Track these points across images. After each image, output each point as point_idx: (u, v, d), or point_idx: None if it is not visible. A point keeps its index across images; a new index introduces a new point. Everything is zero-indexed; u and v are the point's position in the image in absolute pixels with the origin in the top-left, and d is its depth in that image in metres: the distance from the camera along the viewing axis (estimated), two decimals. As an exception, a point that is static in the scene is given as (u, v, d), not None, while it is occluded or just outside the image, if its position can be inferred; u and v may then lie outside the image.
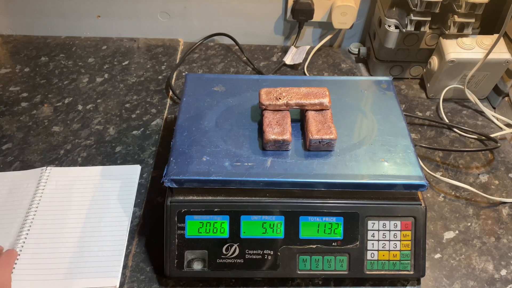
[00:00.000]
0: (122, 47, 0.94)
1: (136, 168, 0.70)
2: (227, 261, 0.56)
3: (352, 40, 0.97)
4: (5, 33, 0.96)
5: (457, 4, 0.75)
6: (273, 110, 0.59)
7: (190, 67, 0.91)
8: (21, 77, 0.86)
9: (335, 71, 0.92)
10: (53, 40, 0.95)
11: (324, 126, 0.57)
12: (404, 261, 0.56)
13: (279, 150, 0.57)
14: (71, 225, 0.62)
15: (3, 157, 0.72)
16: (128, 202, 0.65)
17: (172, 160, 0.56)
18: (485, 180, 0.72)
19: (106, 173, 0.69)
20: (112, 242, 0.61)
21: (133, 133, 0.77)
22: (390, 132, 0.61)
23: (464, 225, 0.66)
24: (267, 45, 0.97)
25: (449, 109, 0.83)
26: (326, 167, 0.56)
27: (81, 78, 0.86)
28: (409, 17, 0.77)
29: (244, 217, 0.55)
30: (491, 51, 0.74)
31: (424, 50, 0.84)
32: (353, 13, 0.87)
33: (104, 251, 0.60)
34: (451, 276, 0.60)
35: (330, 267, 0.56)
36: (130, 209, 0.65)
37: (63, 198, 0.65)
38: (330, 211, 0.56)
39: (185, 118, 0.62)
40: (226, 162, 0.56)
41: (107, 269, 0.58)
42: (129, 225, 0.63)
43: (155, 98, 0.83)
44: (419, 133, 0.79)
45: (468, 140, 0.78)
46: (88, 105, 0.81)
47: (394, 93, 0.67)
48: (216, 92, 0.66)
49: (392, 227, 0.56)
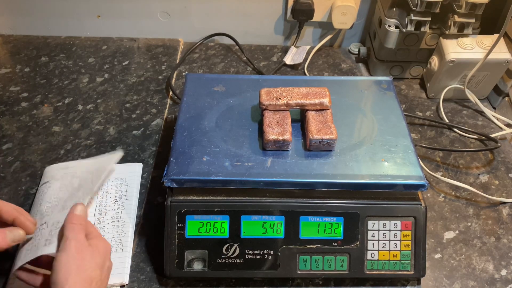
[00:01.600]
0: (122, 47, 0.94)
1: (138, 166, 0.70)
2: (227, 261, 0.56)
3: (352, 40, 0.97)
4: (5, 33, 0.96)
5: (457, 4, 0.75)
6: (273, 110, 0.59)
7: (190, 67, 0.91)
8: (21, 77, 0.86)
9: (335, 71, 0.92)
10: (53, 40, 0.95)
11: (324, 126, 0.57)
12: (404, 261, 0.56)
13: (279, 150, 0.57)
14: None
15: (3, 157, 0.72)
16: (132, 199, 0.65)
17: (172, 160, 0.56)
18: (485, 180, 0.72)
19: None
20: (119, 239, 0.61)
21: (133, 133, 0.76)
22: (390, 132, 0.61)
23: (464, 225, 0.66)
24: (267, 45, 0.97)
25: (449, 109, 0.83)
26: (326, 167, 0.56)
27: (81, 78, 0.86)
28: (409, 17, 0.77)
29: (244, 217, 0.55)
30: (491, 51, 0.74)
31: (424, 50, 0.84)
32: (353, 13, 0.87)
33: (111, 248, 0.60)
34: (451, 276, 0.60)
35: (330, 267, 0.56)
36: (134, 205, 0.65)
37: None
38: (330, 211, 0.56)
39: (185, 118, 0.62)
40: (226, 162, 0.56)
41: (115, 266, 0.58)
42: (135, 221, 0.63)
43: (155, 98, 0.83)
44: (419, 133, 0.79)
45: (468, 140, 0.78)
46: (88, 105, 0.81)
47: (394, 93, 0.67)
48: (216, 92, 0.66)
49: (392, 227, 0.56)
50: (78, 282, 0.45)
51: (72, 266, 0.45)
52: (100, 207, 0.64)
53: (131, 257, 0.60)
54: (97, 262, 0.48)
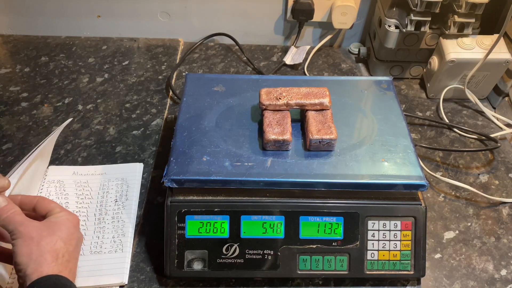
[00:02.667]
0: (122, 47, 0.94)
1: (139, 166, 0.70)
2: (227, 261, 0.56)
3: (352, 40, 0.97)
4: (5, 33, 0.96)
5: (457, 4, 0.75)
6: (273, 110, 0.59)
7: (190, 67, 0.91)
8: (21, 77, 0.86)
9: (335, 71, 0.92)
10: (53, 40, 0.95)
11: (324, 126, 0.57)
12: (404, 261, 0.56)
13: (279, 150, 0.57)
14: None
15: (3, 157, 0.72)
16: (132, 199, 0.65)
17: (172, 160, 0.56)
18: (485, 180, 0.72)
19: (109, 171, 0.69)
20: (119, 239, 0.61)
21: (133, 133, 0.77)
22: (390, 132, 0.61)
23: (464, 225, 0.66)
24: (267, 45, 0.97)
25: (449, 109, 0.83)
26: (326, 167, 0.56)
27: (81, 78, 0.86)
28: (409, 17, 0.77)
29: (244, 217, 0.55)
30: (491, 51, 0.74)
31: (424, 50, 0.84)
32: (353, 13, 0.87)
33: (111, 248, 0.60)
34: (451, 276, 0.60)
35: (330, 267, 0.56)
36: (134, 205, 0.65)
37: (66, 196, 0.66)
38: (330, 211, 0.56)
39: (185, 118, 0.62)
40: (226, 162, 0.56)
41: (115, 266, 0.58)
42: (135, 221, 0.63)
43: (155, 98, 0.83)
44: (419, 133, 0.79)
45: (468, 140, 0.78)
46: (88, 105, 0.81)
47: (394, 93, 0.67)
48: (216, 92, 0.66)
49: (392, 227, 0.56)
50: (42, 256, 0.45)
51: (32, 245, 0.45)
52: (100, 207, 0.64)
53: (131, 257, 0.60)
54: (60, 235, 0.47)
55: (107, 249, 0.60)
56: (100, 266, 0.58)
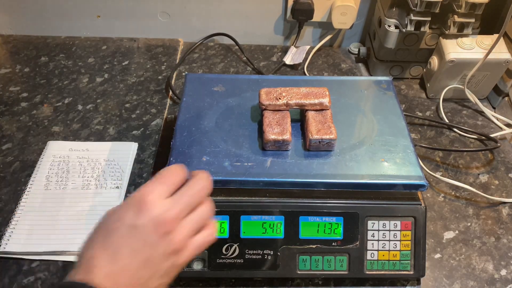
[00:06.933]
0: (122, 47, 0.94)
1: (133, 145, 0.73)
2: (227, 261, 0.55)
3: (352, 40, 0.97)
4: (5, 33, 0.96)
5: (457, 4, 0.75)
6: (273, 110, 0.59)
7: (190, 67, 0.91)
8: (21, 77, 0.86)
9: (335, 71, 0.92)
10: (53, 40, 0.95)
11: (324, 126, 0.57)
12: (404, 261, 0.56)
13: (279, 150, 0.57)
14: (69, 200, 0.65)
15: (3, 157, 0.72)
16: (123, 176, 0.68)
17: (172, 160, 0.56)
18: (485, 180, 0.72)
19: (102, 148, 0.72)
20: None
21: (133, 133, 0.77)
22: (390, 132, 0.61)
23: (464, 225, 0.66)
24: (267, 45, 0.97)
25: (449, 109, 0.83)
26: (326, 167, 0.56)
27: (81, 78, 0.86)
28: (409, 17, 0.77)
29: (244, 217, 0.55)
30: (491, 51, 0.74)
31: (424, 50, 0.84)
32: (353, 13, 0.87)
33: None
34: (451, 276, 0.60)
35: (330, 267, 0.56)
36: (124, 182, 0.67)
37: (60, 172, 0.68)
38: (330, 211, 0.56)
39: (185, 118, 0.62)
40: (226, 162, 0.56)
41: None
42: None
43: (155, 98, 0.83)
44: (419, 133, 0.79)
45: (468, 140, 0.78)
46: (88, 105, 0.81)
47: (394, 93, 0.67)
48: (216, 92, 0.66)
49: (392, 227, 0.56)
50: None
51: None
52: (91, 186, 0.67)
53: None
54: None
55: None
56: None
